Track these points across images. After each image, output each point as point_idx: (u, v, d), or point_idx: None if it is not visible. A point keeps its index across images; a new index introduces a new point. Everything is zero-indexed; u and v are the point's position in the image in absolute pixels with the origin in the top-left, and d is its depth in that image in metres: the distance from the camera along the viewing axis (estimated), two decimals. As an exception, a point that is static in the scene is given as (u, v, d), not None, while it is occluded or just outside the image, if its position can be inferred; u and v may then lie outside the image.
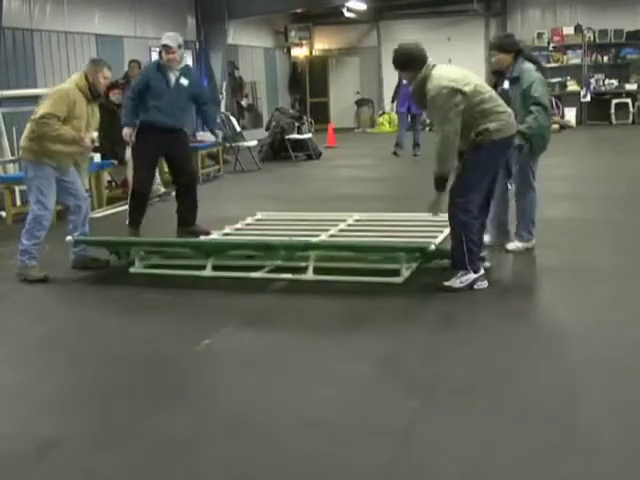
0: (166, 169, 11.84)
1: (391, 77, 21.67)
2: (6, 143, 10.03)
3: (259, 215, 8.22)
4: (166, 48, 7.16)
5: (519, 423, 3.31)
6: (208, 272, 5.88)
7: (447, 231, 7.00)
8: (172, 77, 7.23)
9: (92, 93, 6.08)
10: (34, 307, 5.48)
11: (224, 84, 16.70)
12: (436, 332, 4.57)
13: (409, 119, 14.92)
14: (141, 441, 3.29)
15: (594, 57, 19.98)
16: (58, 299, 5.66)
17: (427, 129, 15.81)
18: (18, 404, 3.76)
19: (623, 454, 3.01)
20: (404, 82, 13.39)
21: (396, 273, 5.55)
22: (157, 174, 10.19)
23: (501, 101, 5.33)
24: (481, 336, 4.43)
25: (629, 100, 19.51)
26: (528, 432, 3.21)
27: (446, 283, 5.28)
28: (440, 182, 5.22)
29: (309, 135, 14.99)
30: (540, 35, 20.18)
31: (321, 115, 21.40)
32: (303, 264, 5.75)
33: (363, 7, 19.26)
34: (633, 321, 4.61)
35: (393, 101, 15.43)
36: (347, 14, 19.49)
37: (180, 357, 4.28)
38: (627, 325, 4.52)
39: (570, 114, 19.76)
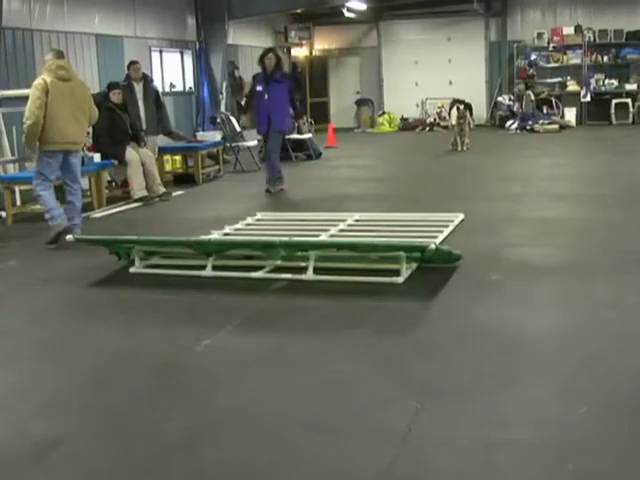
0: (166, 169, 11.92)
1: (391, 77, 21.83)
2: (6, 143, 10.02)
3: (259, 215, 8.23)
4: None
5: (519, 422, 3.31)
6: (208, 272, 5.88)
7: (447, 231, 7.05)
8: None
9: None
10: (34, 307, 5.47)
11: (224, 84, 16.70)
12: (436, 332, 4.57)
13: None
14: (141, 441, 3.29)
15: (594, 57, 19.98)
16: (58, 299, 5.65)
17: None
18: (17, 404, 3.76)
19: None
20: (259, 88, 10.06)
21: (396, 273, 5.56)
22: (157, 174, 10.21)
23: None
24: (481, 335, 4.43)
25: (629, 100, 19.50)
26: (528, 431, 3.21)
27: None
28: None
29: (309, 135, 14.98)
30: (540, 35, 20.18)
31: (321, 115, 21.39)
32: (303, 264, 5.76)
33: (363, 7, 19.25)
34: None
35: (245, 112, 11.48)
36: (347, 14, 19.47)
37: (180, 357, 4.28)
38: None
39: (570, 114, 19.76)
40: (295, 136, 14.56)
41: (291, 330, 4.71)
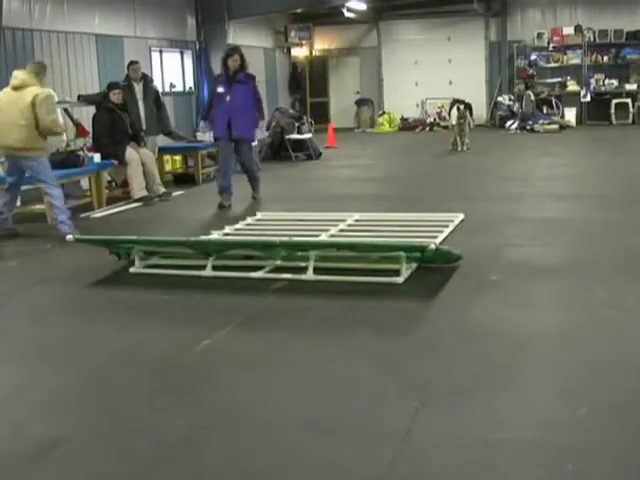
0: (166, 169, 11.92)
1: (391, 77, 21.83)
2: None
3: (259, 215, 8.23)
4: None
5: (519, 422, 3.31)
6: (208, 272, 5.88)
7: (447, 231, 7.05)
8: None
9: None
10: (34, 307, 5.47)
11: (224, 84, 16.70)
12: (436, 332, 4.57)
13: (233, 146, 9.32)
14: (141, 441, 3.29)
15: (594, 57, 19.99)
16: (58, 299, 5.65)
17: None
18: (17, 404, 3.76)
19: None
20: (220, 90, 9.18)
21: (396, 273, 5.56)
22: (157, 174, 10.21)
23: None
24: (481, 335, 4.43)
25: (629, 100, 19.51)
26: (528, 431, 3.21)
27: None
28: None
29: (309, 135, 14.99)
30: (540, 35, 20.19)
31: (321, 115, 21.40)
32: (303, 264, 5.76)
33: (363, 7, 19.25)
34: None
35: (205, 119, 9.81)
36: (347, 14, 19.47)
37: (180, 357, 4.28)
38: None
39: (570, 114, 19.77)
40: (295, 136, 14.57)
41: (291, 330, 4.71)
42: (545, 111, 19.69)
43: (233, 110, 9.06)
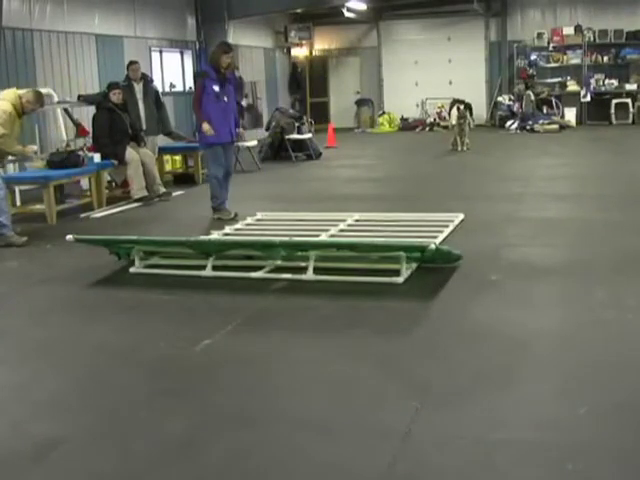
0: (166, 169, 11.93)
1: (391, 77, 21.83)
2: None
3: (259, 215, 8.23)
4: None
5: (519, 422, 3.31)
6: (208, 272, 5.88)
7: (447, 231, 7.05)
8: None
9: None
10: (34, 307, 5.47)
11: (224, 84, 16.71)
12: (436, 332, 4.57)
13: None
14: (141, 441, 3.29)
15: (594, 57, 19.99)
16: (58, 299, 5.65)
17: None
18: (17, 405, 3.76)
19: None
20: (216, 88, 8.19)
21: (396, 273, 5.56)
22: (157, 174, 10.22)
23: None
24: (481, 335, 4.43)
25: (629, 100, 19.51)
26: (528, 431, 3.21)
27: None
28: None
29: (309, 135, 14.99)
30: (540, 35, 20.20)
31: (321, 115, 21.41)
32: (303, 264, 5.76)
33: (363, 7, 19.25)
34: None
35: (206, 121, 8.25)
36: (347, 14, 19.47)
37: (180, 357, 4.28)
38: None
39: (570, 114, 19.77)
40: (295, 136, 14.57)
41: (291, 330, 4.71)
42: (545, 111, 19.69)
43: (229, 111, 8.40)
